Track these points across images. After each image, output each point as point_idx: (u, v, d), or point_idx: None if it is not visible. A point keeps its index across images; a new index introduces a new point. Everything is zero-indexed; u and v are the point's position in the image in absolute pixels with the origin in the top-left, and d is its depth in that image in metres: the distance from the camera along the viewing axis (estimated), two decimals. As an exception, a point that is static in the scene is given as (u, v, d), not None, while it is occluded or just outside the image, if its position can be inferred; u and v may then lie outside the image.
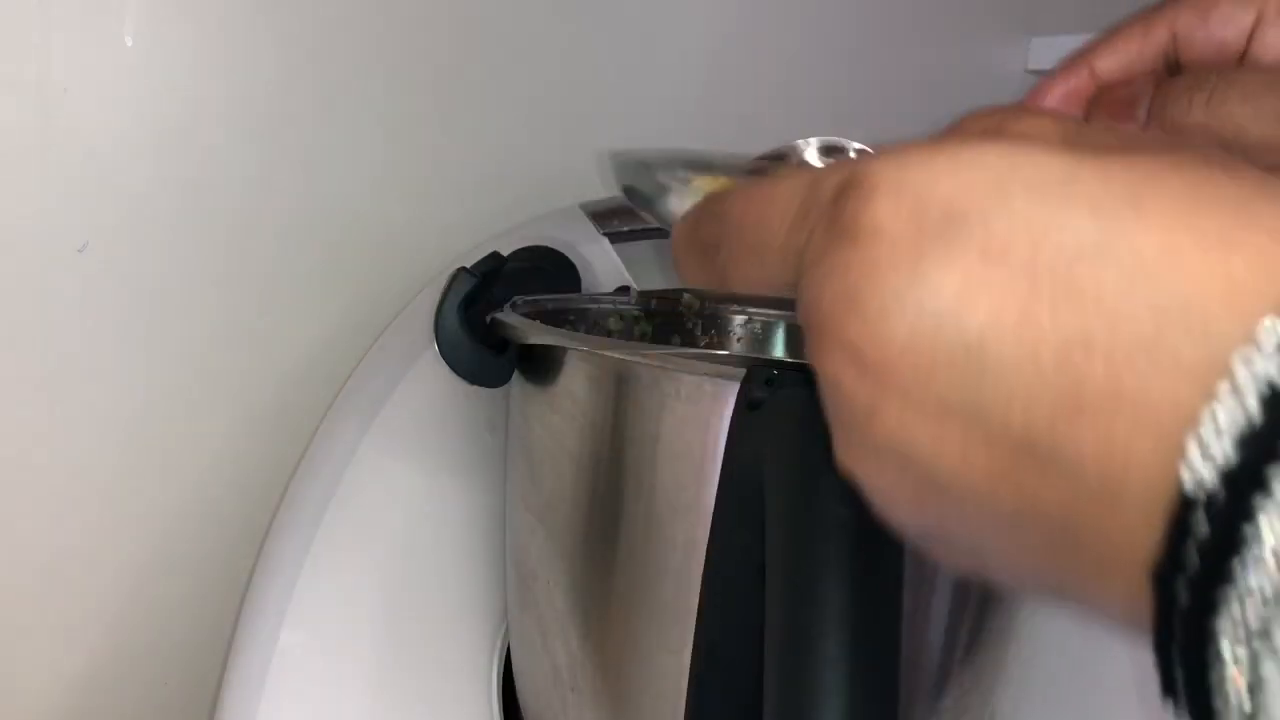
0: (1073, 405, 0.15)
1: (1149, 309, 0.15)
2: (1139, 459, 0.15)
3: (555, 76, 0.62)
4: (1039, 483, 0.16)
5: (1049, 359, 0.15)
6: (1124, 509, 0.15)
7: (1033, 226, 0.16)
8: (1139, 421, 0.15)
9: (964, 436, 0.16)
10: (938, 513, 0.18)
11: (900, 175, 0.17)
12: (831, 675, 0.26)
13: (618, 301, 0.51)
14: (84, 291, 0.52)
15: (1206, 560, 0.14)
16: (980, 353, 0.16)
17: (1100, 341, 0.15)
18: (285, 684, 0.42)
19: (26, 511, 0.54)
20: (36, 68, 0.49)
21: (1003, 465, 0.16)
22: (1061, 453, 0.15)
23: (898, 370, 0.17)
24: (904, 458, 0.18)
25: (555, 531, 0.40)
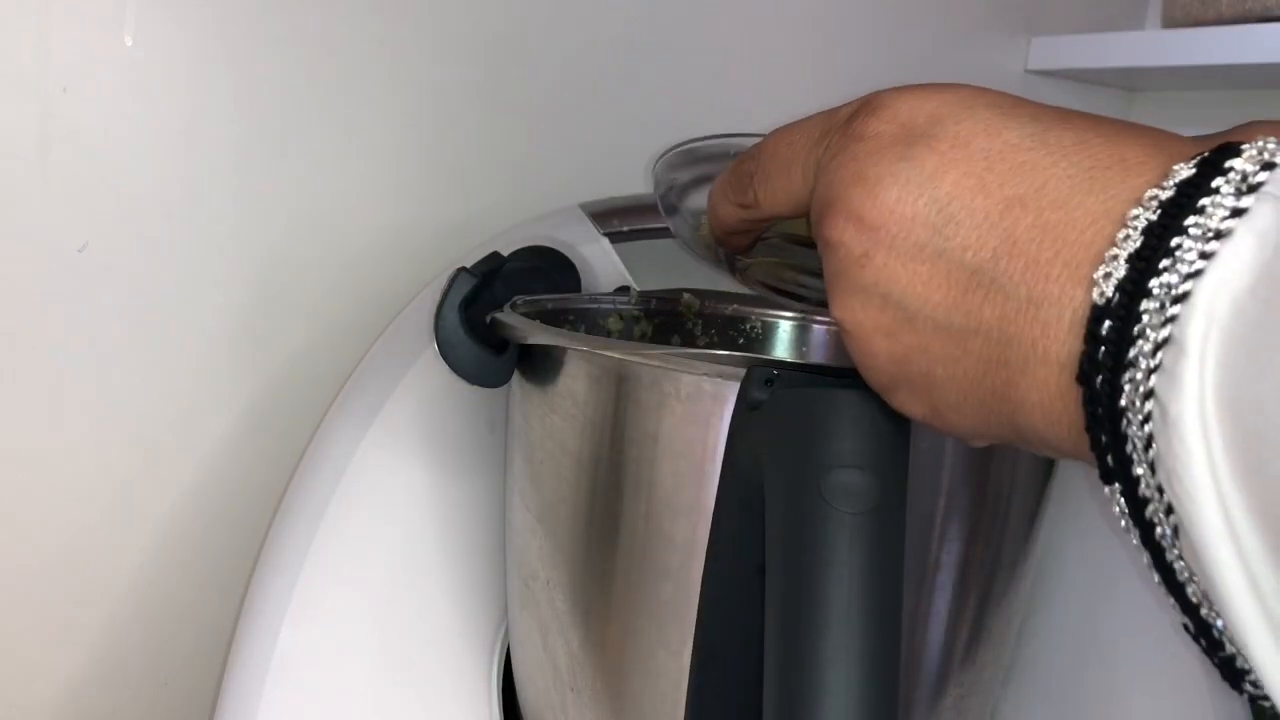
0: (1009, 242, 0.22)
1: (1066, 177, 0.22)
2: (1055, 275, 0.21)
3: (556, 77, 0.62)
4: (983, 303, 0.22)
5: (995, 211, 0.22)
6: (1043, 314, 0.21)
7: (990, 126, 0.23)
8: (1058, 251, 0.21)
9: (930, 272, 0.23)
10: (905, 342, 0.24)
11: (898, 97, 0.25)
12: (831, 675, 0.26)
13: (618, 301, 0.51)
14: (84, 291, 0.52)
15: (1112, 351, 0.20)
16: (947, 209, 0.23)
17: (1031, 199, 0.22)
18: (285, 684, 0.42)
19: (26, 511, 0.54)
20: (36, 68, 0.49)
21: (957, 292, 0.23)
22: (1000, 278, 0.22)
23: (887, 225, 0.23)
24: (885, 294, 0.24)
25: (555, 531, 0.40)
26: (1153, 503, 0.20)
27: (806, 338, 0.53)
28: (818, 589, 0.26)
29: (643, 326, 0.52)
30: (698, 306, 0.53)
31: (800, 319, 0.53)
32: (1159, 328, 0.19)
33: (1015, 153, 0.22)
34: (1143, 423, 0.19)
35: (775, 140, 0.29)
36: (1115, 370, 0.20)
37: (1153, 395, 0.19)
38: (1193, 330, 0.18)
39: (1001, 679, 0.42)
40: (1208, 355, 0.18)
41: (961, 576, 0.37)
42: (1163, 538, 0.20)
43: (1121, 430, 0.20)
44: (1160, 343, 0.19)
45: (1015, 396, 0.22)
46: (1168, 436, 0.19)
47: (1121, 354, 0.20)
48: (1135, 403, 0.19)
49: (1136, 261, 0.19)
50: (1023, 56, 0.80)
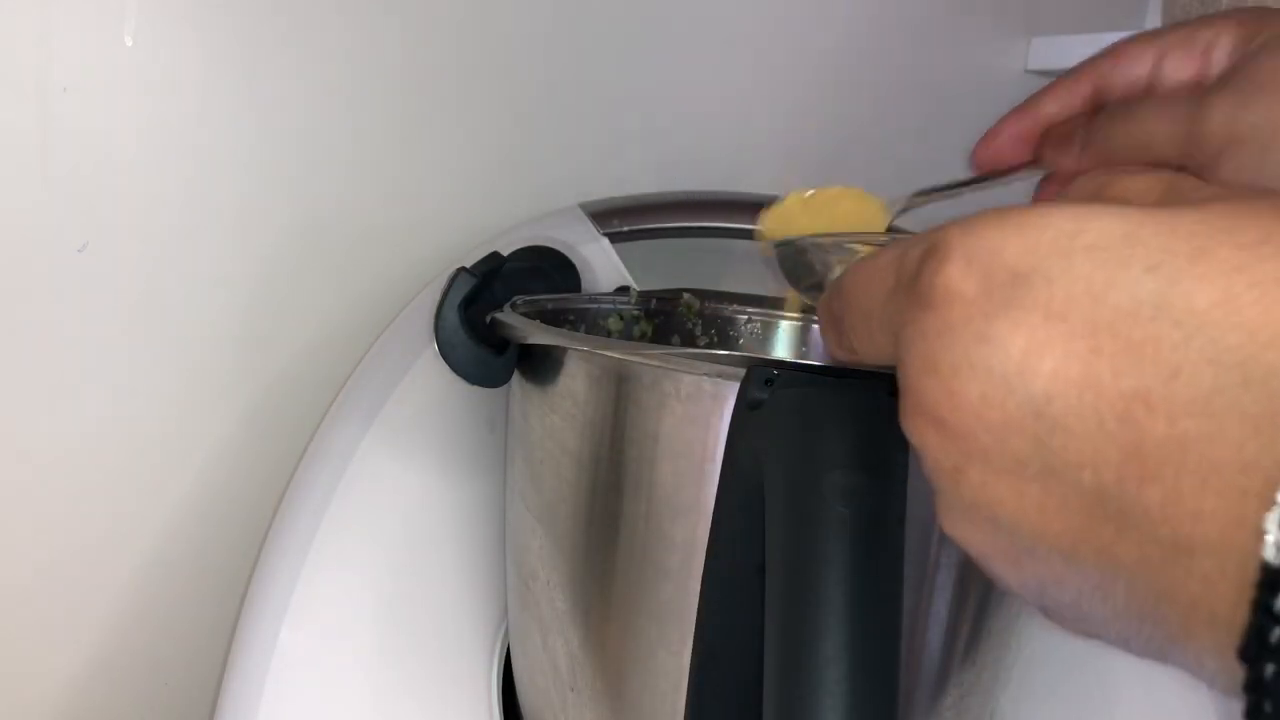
0: (1138, 461, 0.15)
1: (1207, 363, 0.15)
2: (1208, 513, 0.15)
3: (556, 76, 0.62)
4: (1116, 540, 0.16)
5: (1111, 416, 0.16)
6: (1198, 566, 0.15)
7: (1093, 286, 0.16)
8: (1204, 477, 0.15)
9: (1042, 495, 0.17)
10: (1034, 572, 0.18)
11: (972, 240, 0.18)
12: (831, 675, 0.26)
13: (618, 301, 0.51)
14: (84, 291, 0.52)
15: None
16: (1048, 412, 0.16)
17: (1159, 397, 0.15)
18: (285, 684, 0.42)
19: (26, 511, 0.54)
20: (36, 68, 0.49)
21: (1080, 522, 0.17)
22: (1132, 509, 0.16)
23: (974, 432, 0.18)
24: (992, 518, 0.18)
25: (555, 531, 0.40)
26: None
27: (806, 338, 0.53)
28: (818, 589, 0.26)
29: (643, 326, 0.52)
30: (698, 306, 0.53)
31: (800, 319, 0.53)
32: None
33: (1129, 324, 0.16)
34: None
35: (852, 282, 0.23)
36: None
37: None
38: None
39: (1001, 679, 0.42)
40: None
41: (961, 576, 0.37)
42: None
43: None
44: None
45: (1187, 656, 0.16)
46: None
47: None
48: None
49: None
50: (1023, 56, 0.80)
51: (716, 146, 0.68)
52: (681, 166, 0.66)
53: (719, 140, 0.68)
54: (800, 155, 0.70)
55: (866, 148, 0.73)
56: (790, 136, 0.70)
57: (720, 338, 0.53)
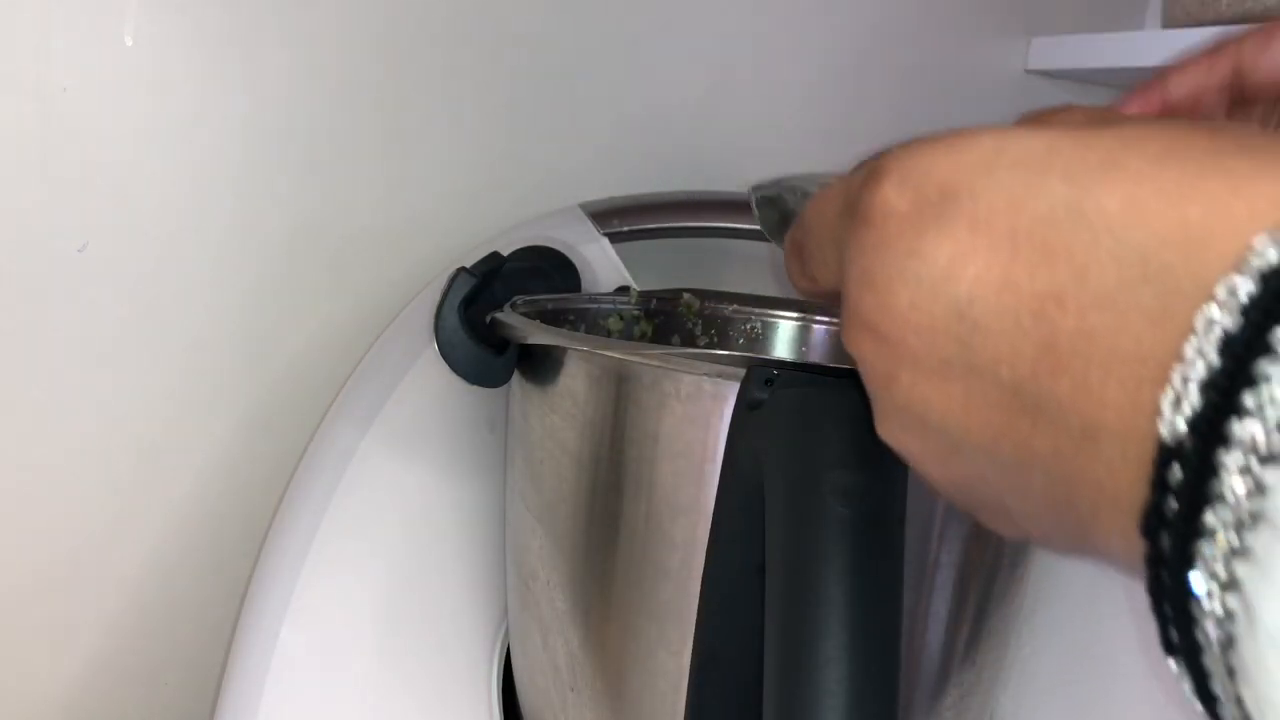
0: (1050, 356, 0.17)
1: (1113, 261, 0.16)
2: (1112, 401, 0.16)
3: (556, 76, 0.62)
4: (1032, 432, 0.17)
5: (1027, 314, 0.17)
6: (1103, 451, 0.16)
7: (1013, 196, 0.17)
8: (1109, 368, 0.16)
9: (965, 393, 0.18)
10: (961, 471, 0.20)
11: (907, 162, 0.19)
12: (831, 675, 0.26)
13: (618, 301, 0.51)
14: (84, 291, 0.52)
15: (1183, 512, 0.15)
16: (969, 314, 0.18)
17: (1071, 295, 0.16)
18: (285, 684, 0.42)
19: (26, 511, 0.54)
20: (36, 68, 0.49)
21: (1000, 417, 0.18)
22: (1046, 402, 0.17)
23: (904, 338, 0.19)
24: (922, 419, 0.19)
25: (555, 531, 0.40)
26: (1225, 704, 0.15)
27: (806, 338, 0.53)
28: (818, 589, 0.26)
29: (643, 326, 0.52)
30: (698, 306, 0.53)
31: (800, 319, 0.53)
32: (1246, 498, 0.14)
33: (1045, 230, 0.17)
34: (1223, 620, 0.14)
35: (811, 211, 0.24)
36: (1187, 536, 0.15)
37: (1237, 586, 0.14)
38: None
39: (1001, 679, 0.42)
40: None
41: (961, 576, 0.37)
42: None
43: (1191, 612, 0.15)
44: (1246, 518, 0.14)
45: (1098, 542, 0.18)
46: (1258, 650, 0.13)
47: (1195, 513, 0.14)
48: (1212, 593, 0.14)
49: (1211, 392, 0.14)
50: (1023, 56, 0.80)
51: (717, 146, 0.68)
52: (681, 166, 0.66)
53: (719, 140, 0.68)
54: (801, 155, 0.70)
55: (867, 147, 0.73)
56: (791, 137, 0.70)
57: (720, 338, 0.53)
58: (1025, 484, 0.18)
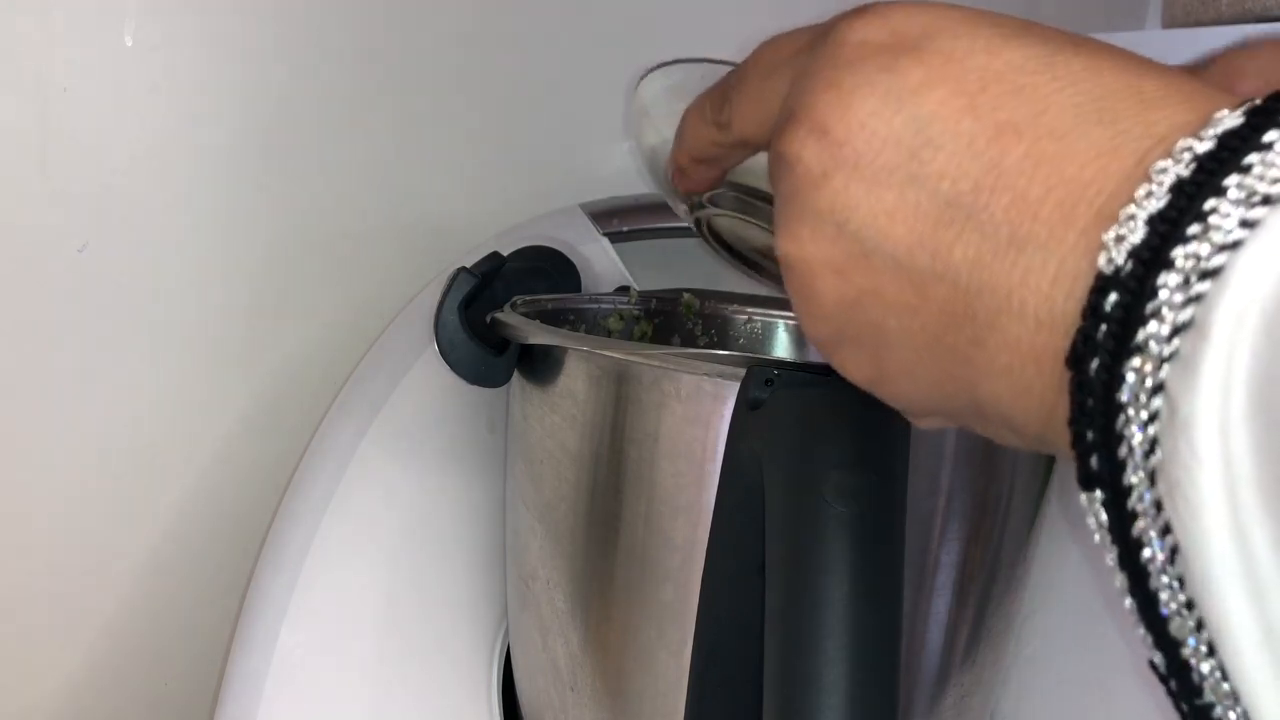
0: (994, 173, 0.19)
1: (1071, 104, 0.18)
2: (1045, 216, 0.18)
3: (556, 76, 0.62)
4: (954, 242, 0.19)
5: (982, 138, 0.19)
6: (1024, 259, 0.18)
7: (991, 45, 0.20)
8: (1050, 188, 0.18)
9: (897, 200, 0.20)
10: (857, 284, 0.21)
11: (892, 6, 0.21)
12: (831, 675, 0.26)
13: (618, 301, 0.51)
14: (84, 291, 0.52)
15: (1116, 331, 0.16)
16: (927, 130, 0.20)
17: (1027, 126, 0.19)
18: (285, 684, 0.42)
19: (27, 512, 0.54)
20: (36, 68, 0.49)
21: (925, 227, 0.20)
22: (979, 214, 0.19)
23: (854, 141, 0.20)
24: (841, 222, 0.21)
25: (555, 531, 0.40)
26: (1144, 519, 0.16)
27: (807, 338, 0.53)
28: (818, 589, 0.26)
29: (643, 326, 0.52)
30: (698, 306, 0.53)
31: (800, 319, 0.53)
32: (1180, 308, 0.15)
33: (1016, 74, 0.19)
34: (1146, 422, 0.16)
35: (763, 47, 0.26)
36: (1118, 355, 0.16)
37: (1162, 390, 0.16)
38: (1223, 313, 0.15)
39: (1001, 679, 0.42)
40: (1240, 346, 0.15)
41: (961, 576, 0.37)
42: (1150, 561, 0.17)
43: (1116, 429, 0.16)
44: (1179, 326, 0.15)
45: (980, 359, 0.19)
46: (1175, 441, 0.15)
47: (1128, 336, 0.16)
48: (1140, 397, 0.16)
49: (1159, 224, 0.16)
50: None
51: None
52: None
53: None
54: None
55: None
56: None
57: (720, 338, 0.53)
58: (923, 298, 0.20)
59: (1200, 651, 0.16)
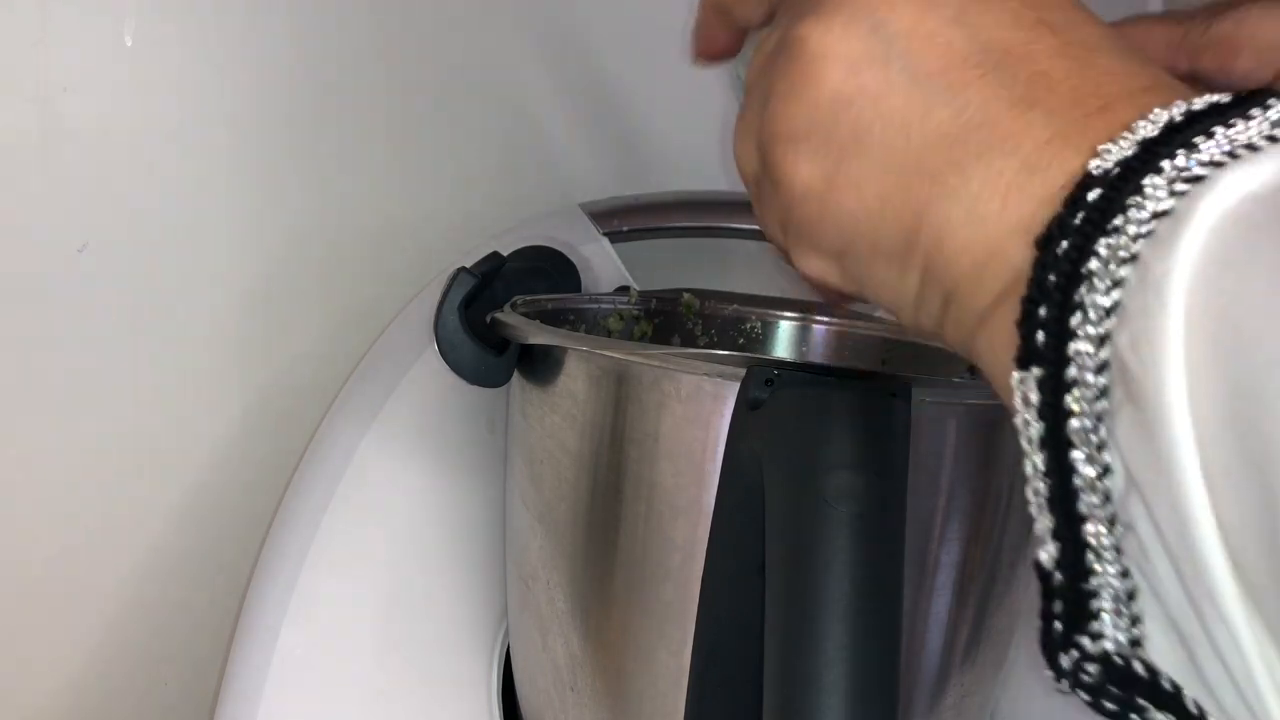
0: (1033, 47, 0.21)
1: (1097, 36, 0.21)
2: (1067, 90, 0.20)
3: (557, 76, 0.62)
4: (978, 80, 0.21)
5: (1026, 21, 0.21)
6: (1038, 113, 0.20)
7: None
8: (1081, 75, 0.20)
9: (938, 30, 0.21)
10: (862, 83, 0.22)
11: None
12: (831, 675, 0.26)
13: (618, 301, 0.51)
14: (84, 291, 0.52)
15: (1094, 218, 0.18)
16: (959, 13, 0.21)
17: (1072, 28, 0.21)
18: (285, 684, 0.42)
19: (27, 512, 0.54)
20: (36, 68, 0.49)
21: (955, 59, 0.21)
22: (1006, 69, 0.20)
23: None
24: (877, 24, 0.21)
25: (555, 531, 0.40)
26: (1081, 387, 0.18)
27: (806, 338, 0.53)
28: (818, 589, 0.26)
29: (643, 326, 0.52)
30: (698, 306, 0.53)
31: (800, 319, 0.53)
32: (1160, 200, 0.17)
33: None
34: (1109, 288, 0.17)
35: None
36: (1090, 235, 0.18)
37: (1135, 260, 0.17)
38: (1203, 205, 0.16)
39: (1002, 680, 0.42)
40: (1217, 239, 0.16)
41: (961, 576, 0.37)
42: (1076, 432, 0.18)
43: (1074, 299, 0.18)
44: (1158, 213, 0.17)
45: (953, 180, 0.20)
46: (1145, 298, 0.17)
47: (1105, 220, 0.18)
48: (1110, 265, 0.17)
49: (1151, 146, 0.18)
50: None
51: (717, 146, 0.68)
52: (682, 167, 0.66)
53: (720, 140, 0.68)
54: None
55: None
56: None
57: (720, 338, 0.53)
58: (923, 117, 0.21)
59: (1105, 526, 0.17)
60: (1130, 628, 0.18)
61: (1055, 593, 0.18)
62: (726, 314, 0.53)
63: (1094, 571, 0.18)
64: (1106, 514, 0.18)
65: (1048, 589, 0.19)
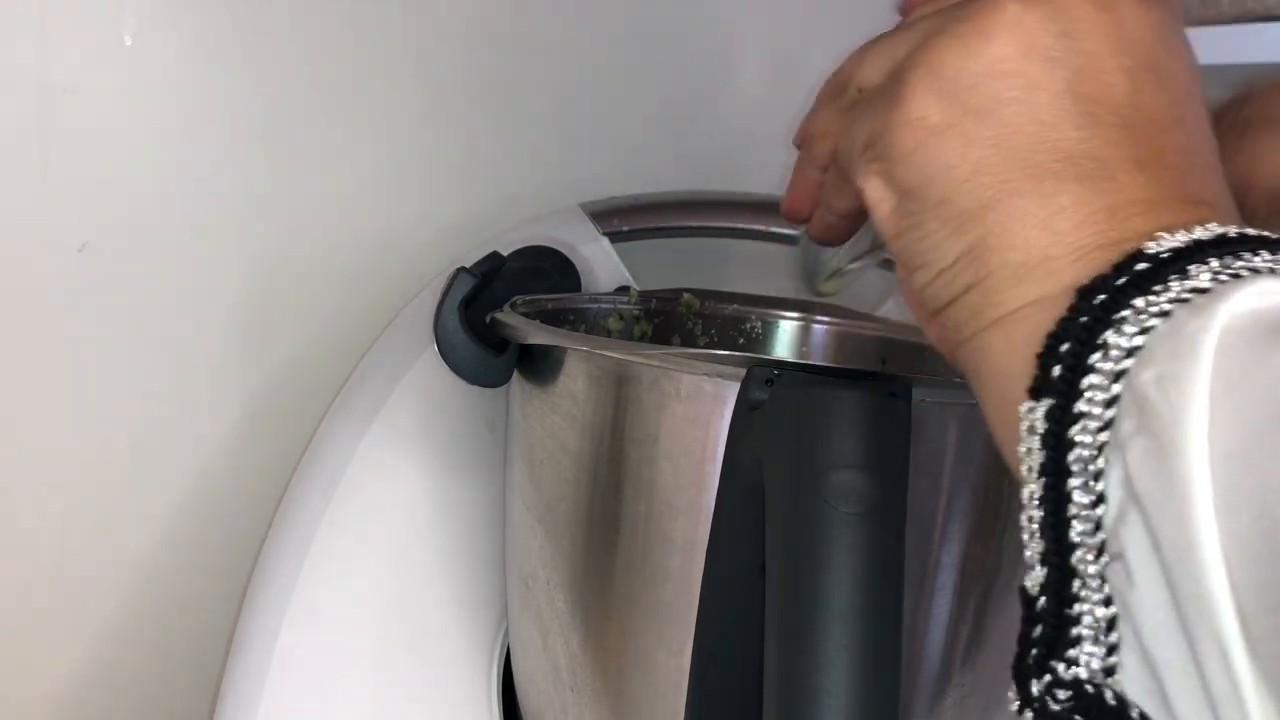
0: (1140, 97, 0.22)
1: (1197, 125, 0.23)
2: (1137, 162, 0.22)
3: (555, 77, 0.62)
4: (1096, 130, 0.22)
5: (1129, 86, 0.22)
6: (1113, 185, 0.21)
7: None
8: (1133, 148, 0.22)
9: (1055, 89, 0.22)
10: (981, 136, 0.22)
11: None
12: (831, 675, 0.26)
13: (618, 301, 0.51)
14: (84, 291, 0.52)
15: (1134, 283, 0.19)
16: (1083, 47, 0.23)
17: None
18: (285, 684, 0.42)
19: (27, 511, 0.54)
20: (36, 68, 0.49)
21: (1066, 111, 0.22)
22: (1121, 119, 0.22)
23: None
24: (989, 93, 0.23)
25: (555, 531, 0.40)
26: (1088, 419, 0.19)
27: (806, 338, 0.53)
28: (818, 589, 0.26)
29: (643, 326, 0.52)
30: (698, 306, 0.53)
31: (800, 319, 0.53)
32: (1201, 280, 0.19)
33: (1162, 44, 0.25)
34: (1136, 334, 0.19)
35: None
36: (1127, 293, 0.19)
37: (1167, 315, 0.18)
38: (1237, 295, 0.18)
39: (1002, 680, 0.42)
40: (1244, 319, 0.18)
41: (961, 576, 0.37)
42: (1076, 461, 0.19)
43: (1098, 340, 0.19)
44: (1197, 289, 0.19)
45: (1040, 188, 0.22)
46: (1175, 341, 0.18)
47: (1145, 285, 0.19)
48: (1141, 315, 0.19)
49: (1185, 254, 0.20)
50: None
51: (717, 146, 0.68)
52: (682, 166, 0.66)
53: (719, 140, 0.68)
54: (800, 155, 0.70)
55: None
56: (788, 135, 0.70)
57: (720, 338, 0.53)
58: (1000, 137, 0.22)
59: (1093, 554, 0.18)
60: (1106, 656, 0.18)
61: (1038, 617, 0.19)
62: (726, 314, 0.53)
63: (1078, 598, 0.19)
64: (1095, 542, 0.18)
65: (1030, 614, 0.20)
